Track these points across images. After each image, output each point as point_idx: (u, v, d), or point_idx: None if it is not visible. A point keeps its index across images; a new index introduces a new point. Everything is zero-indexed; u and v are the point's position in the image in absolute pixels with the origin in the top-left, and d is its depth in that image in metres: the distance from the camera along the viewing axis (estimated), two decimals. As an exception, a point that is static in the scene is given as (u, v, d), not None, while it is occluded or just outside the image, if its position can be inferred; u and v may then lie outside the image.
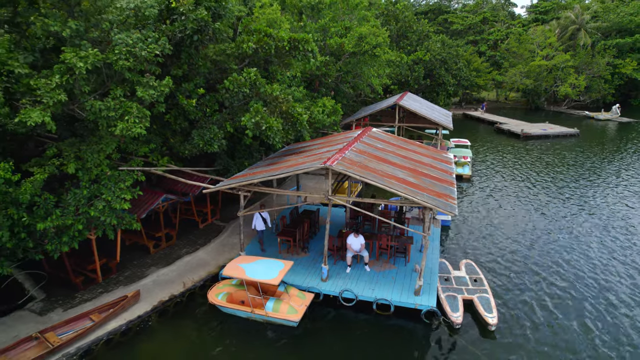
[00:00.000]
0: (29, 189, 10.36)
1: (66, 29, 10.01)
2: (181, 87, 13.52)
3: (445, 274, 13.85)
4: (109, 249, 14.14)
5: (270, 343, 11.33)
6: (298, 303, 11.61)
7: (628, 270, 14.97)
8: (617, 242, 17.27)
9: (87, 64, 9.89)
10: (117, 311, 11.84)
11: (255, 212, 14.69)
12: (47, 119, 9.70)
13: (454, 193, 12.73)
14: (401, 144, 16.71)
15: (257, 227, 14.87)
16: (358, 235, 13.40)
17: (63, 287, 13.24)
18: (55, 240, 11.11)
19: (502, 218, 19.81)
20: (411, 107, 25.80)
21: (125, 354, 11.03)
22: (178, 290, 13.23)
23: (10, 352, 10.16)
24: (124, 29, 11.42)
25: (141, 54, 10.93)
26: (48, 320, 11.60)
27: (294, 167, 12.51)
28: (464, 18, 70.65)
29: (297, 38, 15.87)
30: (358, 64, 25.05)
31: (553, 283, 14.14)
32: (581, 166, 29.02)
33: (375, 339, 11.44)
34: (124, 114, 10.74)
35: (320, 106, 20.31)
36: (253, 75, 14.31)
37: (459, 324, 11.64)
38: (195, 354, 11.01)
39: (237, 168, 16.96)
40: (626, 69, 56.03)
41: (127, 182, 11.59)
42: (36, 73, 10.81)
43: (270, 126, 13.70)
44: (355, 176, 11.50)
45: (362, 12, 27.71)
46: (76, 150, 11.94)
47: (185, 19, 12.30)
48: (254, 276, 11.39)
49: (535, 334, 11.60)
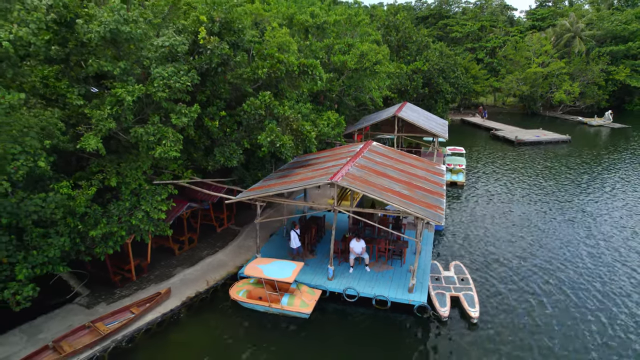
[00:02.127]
0: (82, 202, 12.33)
1: (117, 68, 11.95)
2: (206, 110, 15.47)
3: (436, 273, 15.78)
4: (140, 251, 16.10)
5: (285, 332, 13.28)
6: (309, 298, 13.56)
7: (610, 270, 16.87)
8: (599, 247, 19.16)
9: (133, 97, 11.84)
10: (152, 305, 13.79)
11: (292, 231, 15.93)
12: (100, 145, 11.64)
13: (443, 204, 14.66)
14: (398, 157, 18.63)
15: (292, 245, 15.98)
16: (360, 239, 15.34)
17: (103, 284, 15.22)
18: (102, 244, 13.08)
19: (491, 223, 21.71)
20: (409, 119, 27.72)
21: (161, 341, 12.99)
22: (202, 288, 15.19)
23: (69, 337, 12.14)
24: (159, 64, 13.37)
25: (175, 85, 12.88)
26: (95, 313, 13.58)
27: (304, 182, 14.46)
28: (462, 25, 72.40)
29: (305, 63, 17.78)
30: (360, 78, 26.94)
31: (534, 282, 16.04)
32: (570, 173, 30.88)
33: (374, 330, 13.38)
34: (161, 138, 12.69)
35: (326, 119, 22.24)
36: (267, 98, 16.25)
37: (446, 317, 13.57)
38: (219, 342, 12.95)
39: (251, 178, 18.91)
40: (620, 75, 57.78)
41: (162, 195, 13.55)
42: (87, 102, 12.78)
43: (283, 144, 15.64)
44: (358, 190, 13.43)
45: (364, 28, 29.60)
46: (116, 167, 13.91)
47: (211, 53, 14.24)
48: (271, 275, 13.35)
49: (512, 326, 13.51)
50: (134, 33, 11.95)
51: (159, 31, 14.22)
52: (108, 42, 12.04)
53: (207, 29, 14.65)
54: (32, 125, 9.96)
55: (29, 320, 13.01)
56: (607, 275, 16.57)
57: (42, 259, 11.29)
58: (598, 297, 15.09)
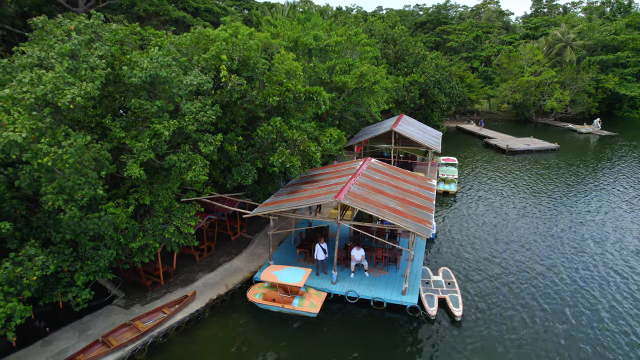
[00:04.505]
0: (124, 219, 14.55)
1: (154, 106, 14.17)
2: (226, 136, 17.71)
3: (426, 278, 18.04)
4: (165, 258, 18.34)
5: (296, 330, 15.53)
6: (316, 300, 15.82)
7: (587, 275, 19.16)
8: (578, 250, 21.45)
9: (169, 132, 14.07)
10: (181, 306, 16.03)
11: (317, 245, 17.66)
12: (141, 172, 13.86)
13: (432, 218, 16.92)
14: (393, 174, 20.89)
15: (318, 257, 17.66)
16: (360, 248, 17.60)
17: (135, 287, 17.46)
18: (139, 254, 15.31)
19: (479, 230, 23.98)
20: (405, 133, 30.00)
21: (190, 337, 15.22)
22: (223, 291, 17.42)
23: (114, 333, 14.38)
24: (188, 99, 15.61)
25: (203, 119, 15.12)
26: (132, 313, 15.81)
27: (311, 199, 16.72)
28: (458, 35, 74.76)
29: (311, 91, 20.04)
30: (359, 95, 29.20)
31: (513, 285, 18.31)
32: (556, 182, 33.18)
33: (372, 327, 15.63)
34: (192, 164, 14.93)
35: (328, 136, 24.52)
36: (278, 123, 18.49)
37: (434, 316, 15.83)
38: (239, 338, 15.17)
39: (262, 192, 21.17)
40: (609, 83, 60.19)
41: (191, 212, 15.79)
42: (127, 132, 14.99)
43: (292, 164, 17.88)
44: (358, 208, 15.69)
45: (363, 48, 31.88)
46: (149, 186, 16.13)
47: (232, 89, 16.49)
48: (284, 280, 15.60)
49: (490, 322, 15.77)
50: (169, 76, 14.18)
51: (185, 69, 16.42)
52: (147, 84, 14.26)
53: (227, 66, 16.88)
54: (90, 159, 12.17)
55: (77, 319, 15.25)
56: (584, 278, 18.87)
57: (94, 267, 13.53)
58: (567, 299, 17.38)
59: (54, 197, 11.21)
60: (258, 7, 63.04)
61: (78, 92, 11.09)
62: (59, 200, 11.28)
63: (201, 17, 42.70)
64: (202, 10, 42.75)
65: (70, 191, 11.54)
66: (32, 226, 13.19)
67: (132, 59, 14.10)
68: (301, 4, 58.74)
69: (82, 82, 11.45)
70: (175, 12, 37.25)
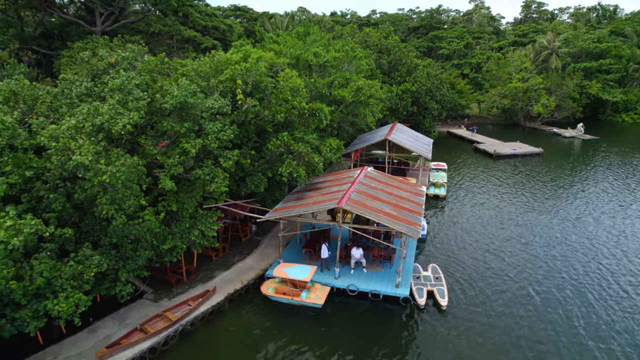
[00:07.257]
0: (156, 224, 16.93)
1: (183, 128, 16.57)
2: (240, 150, 20.15)
3: (417, 273, 20.57)
4: (186, 258, 20.72)
5: (304, 319, 17.99)
6: (321, 293, 18.31)
7: (565, 269, 21.79)
8: (557, 243, 24.10)
9: (195, 149, 16.49)
10: (204, 300, 18.43)
11: (323, 245, 20.28)
12: (173, 185, 16.26)
13: (421, 221, 19.49)
14: (387, 181, 23.44)
15: (322, 255, 20.31)
16: (359, 248, 20.11)
17: (160, 284, 19.83)
18: (168, 254, 17.70)
19: (465, 231, 26.57)
20: (398, 141, 32.59)
21: (212, 326, 17.64)
22: (239, 286, 19.84)
23: (150, 322, 16.77)
24: (209, 120, 18.03)
25: (223, 138, 17.56)
26: (161, 305, 18.19)
27: (316, 205, 19.21)
28: (449, 43, 77.61)
29: (314, 107, 22.53)
30: (356, 107, 31.71)
31: (492, 279, 20.91)
32: (537, 184, 35.93)
33: (370, 316, 18.14)
34: (214, 177, 17.35)
35: (328, 145, 27.01)
36: (286, 138, 20.96)
37: (423, 305, 18.37)
38: (255, 326, 17.61)
39: (270, 198, 23.62)
40: (592, 89, 63.19)
41: (213, 217, 18.21)
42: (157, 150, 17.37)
43: (299, 174, 20.36)
44: (357, 213, 18.19)
45: (360, 61, 34.43)
46: (175, 195, 18.52)
47: (247, 110, 18.94)
48: (293, 276, 18.07)
49: (470, 311, 18.34)
50: (195, 102, 16.60)
51: (206, 94, 18.84)
52: (176, 109, 16.67)
53: (242, 90, 19.33)
54: (134, 174, 14.57)
55: (115, 311, 17.63)
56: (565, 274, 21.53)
57: (134, 266, 15.91)
58: (541, 292, 20.01)
59: (108, 207, 13.60)
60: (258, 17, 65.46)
61: (127, 121, 13.47)
62: (112, 210, 13.67)
63: (209, 34, 45.08)
64: (210, 27, 45.14)
65: (119, 202, 13.92)
66: (82, 231, 15.55)
67: (164, 87, 16.49)
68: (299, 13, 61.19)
69: (129, 112, 13.84)
70: (187, 31, 39.64)
